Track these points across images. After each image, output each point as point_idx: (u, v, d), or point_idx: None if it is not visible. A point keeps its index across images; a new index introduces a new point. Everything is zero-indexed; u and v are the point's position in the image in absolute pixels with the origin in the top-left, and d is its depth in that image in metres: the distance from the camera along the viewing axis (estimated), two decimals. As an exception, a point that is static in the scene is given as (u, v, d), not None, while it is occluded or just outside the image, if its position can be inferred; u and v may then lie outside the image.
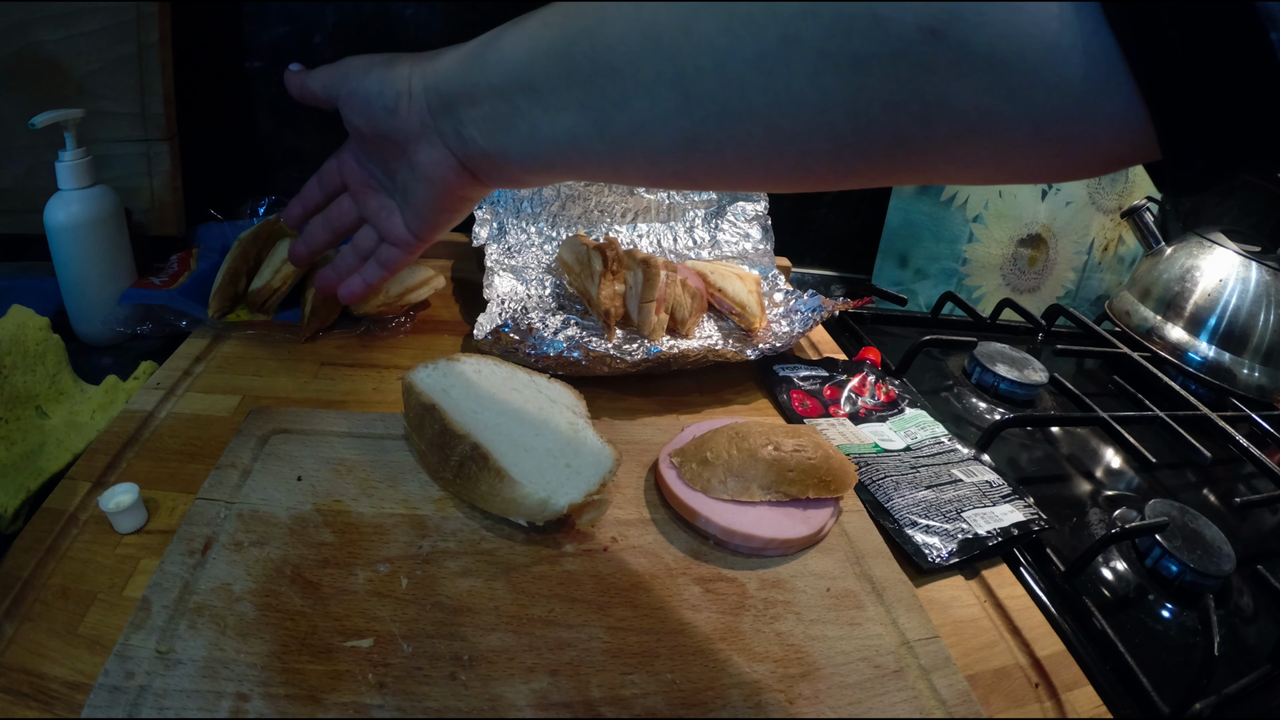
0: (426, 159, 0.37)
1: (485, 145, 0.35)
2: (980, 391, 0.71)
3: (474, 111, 0.34)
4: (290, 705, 0.31)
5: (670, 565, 0.42)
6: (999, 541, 0.47)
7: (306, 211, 0.48)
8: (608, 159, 0.31)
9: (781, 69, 0.24)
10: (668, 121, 0.28)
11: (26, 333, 0.49)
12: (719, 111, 0.26)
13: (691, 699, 0.34)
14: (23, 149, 0.59)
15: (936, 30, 0.21)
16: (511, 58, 0.32)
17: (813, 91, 0.24)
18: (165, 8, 0.60)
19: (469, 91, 0.34)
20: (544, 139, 0.32)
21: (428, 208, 0.40)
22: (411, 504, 0.43)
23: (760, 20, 0.24)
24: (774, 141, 0.26)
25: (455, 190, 0.38)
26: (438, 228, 0.42)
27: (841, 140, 0.25)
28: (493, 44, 0.33)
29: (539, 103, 0.31)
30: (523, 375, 0.50)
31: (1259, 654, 0.47)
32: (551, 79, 0.30)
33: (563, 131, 0.31)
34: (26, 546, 0.38)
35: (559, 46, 0.30)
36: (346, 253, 0.48)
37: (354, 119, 0.39)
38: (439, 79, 0.36)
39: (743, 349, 0.61)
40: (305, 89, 0.43)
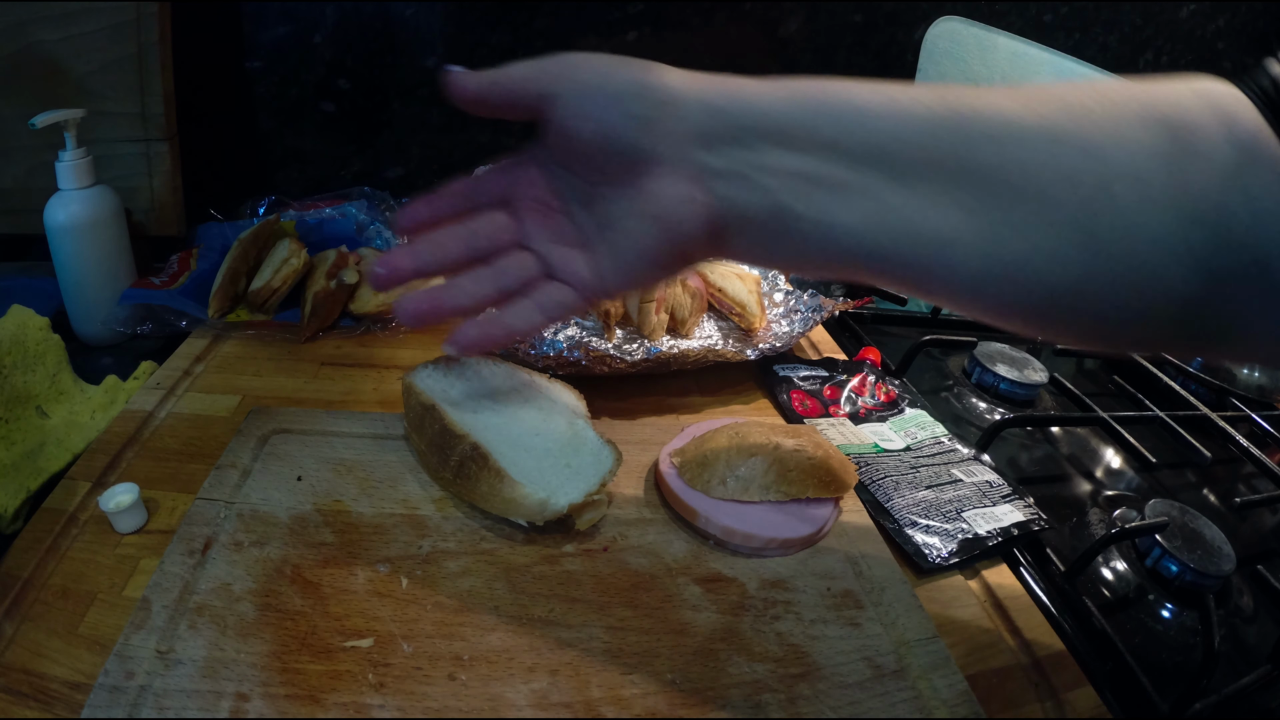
0: (669, 194, 0.30)
1: (788, 207, 0.29)
2: (980, 391, 0.71)
3: (785, 161, 0.28)
4: (290, 705, 0.31)
5: (670, 565, 0.42)
6: (999, 541, 0.47)
7: (435, 219, 0.36)
8: (970, 280, 0.28)
9: (1169, 256, 0.26)
10: (1063, 265, 0.27)
11: (26, 333, 0.49)
12: (1107, 274, 0.27)
13: (691, 699, 0.34)
14: (23, 149, 0.59)
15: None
16: (872, 116, 0.28)
17: (1180, 285, 0.27)
18: (165, 8, 0.60)
19: (784, 130, 0.28)
20: (895, 227, 0.28)
21: (640, 255, 0.31)
22: (411, 504, 0.43)
23: (1164, 207, 0.26)
24: (1133, 316, 0.28)
25: (684, 244, 0.31)
26: (636, 283, 0.33)
27: (1182, 328, 0.28)
28: (830, 91, 0.29)
29: (901, 185, 0.28)
30: (523, 375, 0.50)
31: (1259, 654, 0.47)
32: (928, 168, 0.27)
33: (929, 231, 0.28)
34: (26, 546, 0.38)
35: (946, 138, 0.27)
36: (473, 283, 0.35)
37: (577, 123, 0.31)
38: (733, 96, 0.29)
39: (743, 349, 0.61)
40: (495, 86, 0.32)
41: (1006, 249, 0.28)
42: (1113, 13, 0.90)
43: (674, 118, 0.29)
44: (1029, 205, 0.27)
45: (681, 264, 0.33)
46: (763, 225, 0.30)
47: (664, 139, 0.29)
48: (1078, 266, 0.27)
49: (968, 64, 0.87)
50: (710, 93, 0.30)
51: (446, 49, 0.76)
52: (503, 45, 0.77)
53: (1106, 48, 0.92)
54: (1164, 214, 0.26)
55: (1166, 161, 0.26)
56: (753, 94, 0.29)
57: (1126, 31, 0.92)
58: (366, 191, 0.77)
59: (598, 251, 0.33)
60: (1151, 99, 0.28)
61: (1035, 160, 0.27)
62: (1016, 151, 0.27)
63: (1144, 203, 0.26)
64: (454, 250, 0.35)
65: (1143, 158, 0.27)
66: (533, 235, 0.35)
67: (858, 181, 0.28)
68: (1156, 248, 0.27)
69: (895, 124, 0.28)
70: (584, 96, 0.30)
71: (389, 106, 0.78)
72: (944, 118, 0.28)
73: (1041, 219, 0.27)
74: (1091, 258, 0.27)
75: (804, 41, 0.84)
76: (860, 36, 0.85)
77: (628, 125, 0.30)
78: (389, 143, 0.81)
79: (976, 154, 0.27)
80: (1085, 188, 0.27)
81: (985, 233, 0.28)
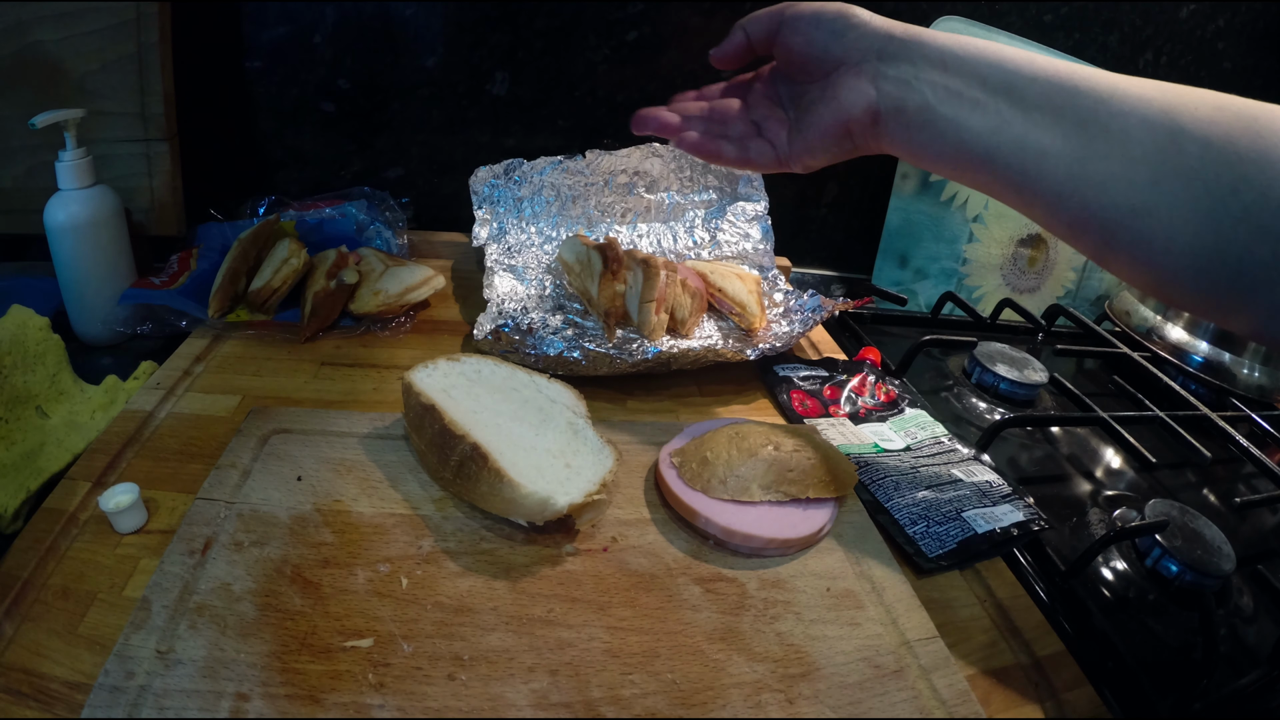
0: (847, 89, 0.41)
1: (934, 108, 0.39)
2: (980, 391, 0.71)
3: (939, 78, 0.39)
4: (290, 705, 0.31)
5: (670, 565, 0.42)
6: (999, 541, 0.47)
7: (699, 97, 0.50)
8: (1057, 187, 0.37)
9: (1218, 203, 0.34)
10: (1132, 191, 0.35)
11: (26, 333, 0.49)
12: (1167, 204, 0.35)
13: (691, 699, 0.34)
14: (23, 149, 0.59)
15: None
16: (1010, 63, 0.38)
17: (1226, 229, 0.34)
18: (165, 8, 0.60)
19: (944, 59, 0.39)
20: (1009, 138, 0.37)
21: (819, 133, 0.43)
22: (411, 504, 0.43)
23: (1222, 165, 0.34)
24: (1188, 256, 0.35)
25: (854, 128, 0.42)
26: (813, 156, 0.44)
27: (1209, 272, 0.35)
28: (983, 44, 0.39)
29: (1021, 111, 0.37)
30: (523, 375, 0.50)
31: (1259, 654, 0.47)
32: (1044, 103, 0.37)
33: (1033, 144, 0.37)
34: (26, 546, 0.38)
35: (1064, 86, 0.37)
36: (706, 123, 0.48)
37: (793, 37, 0.43)
38: (910, 32, 0.40)
39: (743, 349, 0.61)
40: (751, 30, 0.45)
41: (1089, 168, 0.36)
42: (1113, 13, 0.90)
43: (862, 36, 0.41)
44: (1113, 140, 0.35)
45: (846, 146, 0.43)
46: (910, 119, 0.40)
47: (852, 49, 0.41)
48: (1142, 193, 0.35)
49: (968, 64, 0.87)
50: (892, 25, 0.41)
51: (446, 49, 0.76)
52: (503, 45, 0.77)
53: (1106, 48, 0.92)
54: (1223, 172, 0.33)
55: (1228, 133, 0.34)
56: (923, 32, 0.40)
57: (1126, 31, 0.92)
58: (366, 191, 0.77)
59: (794, 130, 0.45)
60: (1228, 98, 0.35)
61: (1124, 109, 0.35)
62: (1110, 102, 0.36)
63: (1205, 161, 0.34)
64: (699, 110, 0.49)
65: (1212, 128, 0.34)
66: (755, 110, 0.48)
67: (989, 102, 0.38)
68: (1210, 196, 0.33)
69: (1027, 70, 0.37)
70: (802, 16, 0.43)
71: (389, 106, 0.78)
72: (1064, 74, 0.37)
73: (1120, 151, 0.35)
74: (1154, 189, 0.35)
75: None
76: (860, 36, 0.85)
77: (829, 39, 0.42)
78: (389, 143, 0.81)
79: (1079, 100, 0.36)
80: (1159, 137, 0.35)
81: (1075, 153, 0.36)
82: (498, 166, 0.73)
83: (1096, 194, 0.36)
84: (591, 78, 0.81)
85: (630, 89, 0.82)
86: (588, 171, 0.75)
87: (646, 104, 0.48)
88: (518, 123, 0.82)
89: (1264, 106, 0.35)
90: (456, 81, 0.78)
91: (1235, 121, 0.34)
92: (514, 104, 0.80)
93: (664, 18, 0.79)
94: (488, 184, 0.73)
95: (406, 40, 0.75)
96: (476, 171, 0.73)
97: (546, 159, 0.74)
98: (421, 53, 0.76)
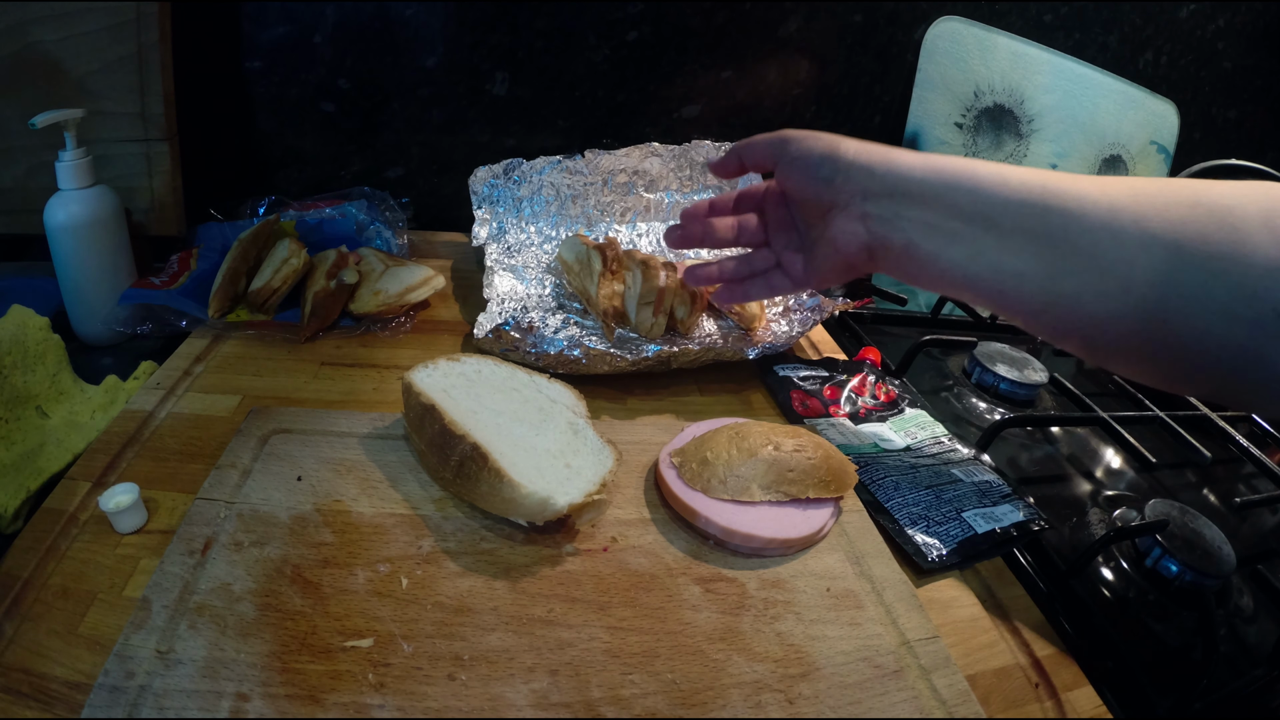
0: (842, 231, 0.44)
1: (917, 244, 0.41)
2: (980, 391, 0.71)
3: (919, 214, 0.41)
4: (290, 705, 0.31)
5: (670, 565, 0.42)
6: (999, 541, 0.47)
7: (713, 211, 0.53)
8: (1033, 303, 0.39)
9: (1195, 304, 0.35)
10: (1104, 301, 0.37)
11: (26, 333, 0.49)
12: (1147, 315, 0.36)
13: (691, 699, 0.34)
14: (23, 149, 0.59)
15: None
16: (984, 189, 0.40)
17: (1209, 329, 0.35)
18: (165, 8, 0.60)
19: (923, 194, 0.41)
20: (986, 265, 0.40)
21: (827, 269, 0.47)
22: (411, 504, 0.43)
23: (1194, 268, 0.35)
24: (1166, 350, 0.37)
25: (853, 261, 0.45)
26: (824, 281, 0.49)
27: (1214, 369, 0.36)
28: (958, 168, 0.41)
29: (996, 237, 0.39)
30: (523, 375, 0.50)
31: (1259, 654, 0.47)
32: (1017, 226, 0.39)
33: (1009, 267, 0.39)
34: (26, 546, 0.38)
35: (1036, 206, 0.38)
36: (737, 264, 0.52)
37: (789, 180, 0.46)
38: (889, 171, 0.42)
39: (743, 348, 0.61)
40: (747, 158, 0.48)
41: (1061, 284, 0.38)
42: (1113, 13, 0.90)
43: (848, 180, 0.43)
44: (1082, 255, 0.37)
45: (850, 272, 0.47)
46: (898, 254, 0.43)
47: (841, 193, 0.44)
48: (1114, 301, 0.37)
49: (968, 64, 0.87)
50: (872, 158, 0.43)
51: (446, 49, 0.76)
52: (503, 45, 0.77)
53: (1106, 48, 0.92)
54: (1193, 273, 0.35)
55: (1202, 233, 0.35)
56: (902, 164, 0.42)
57: (1126, 31, 0.92)
58: (366, 191, 0.77)
59: (807, 258, 0.49)
60: (1206, 190, 0.36)
61: (1094, 224, 0.37)
62: (1081, 218, 0.37)
63: (1176, 264, 0.35)
64: (726, 234, 0.52)
65: (1185, 229, 0.35)
66: (775, 240, 0.51)
67: (966, 231, 0.40)
68: (1184, 300, 0.35)
69: (1000, 194, 0.39)
70: (794, 164, 0.45)
71: (389, 106, 0.79)
72: (1035, 193, 0.39)
73: (1091, 265, 0.37)
74: (1127, 299, 0.36)
75: (804, 41, 0.84)
76: (860, 36, 0.85)
77: (821, 186, 0.44)
78: (389, 143, 0.81)
79: (1050, 219, 0.38)
80: (1129, 248, 0.36)
81: (1048, 271, 0.38)
82: (497, 166, 0.73)
83: (1071, 306, 0.38)
84: (591, 78, 0.81)
85: (630, 89, 0.82)
86: (587, 171, 0.75)
87: (646, 104, 0.49)
88: (518, 123, 0.82)
89: (1239, 195, 0.36)
90: (456, 81, 0.78)
91: (1209, 219, 0.35)
92: (514, 104, 0.80)
93: (664, 18, 0.79)
94: (487, 184, 0.73)
95: (406, 40, 0.75)
96: (476, 171, 0.73)
97: (546, 159, 0.74)
98: (421, 53, 0.76)
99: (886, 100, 0.90)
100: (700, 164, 0.77)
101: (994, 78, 0.89)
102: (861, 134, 0.45)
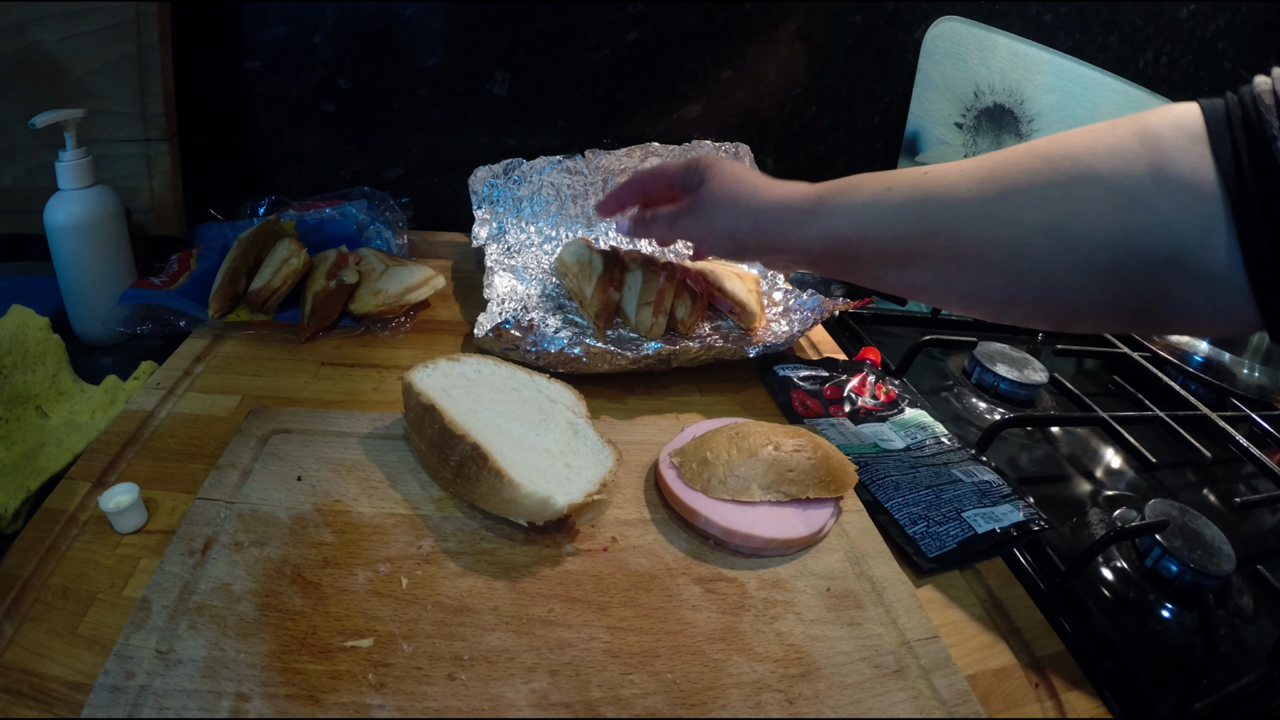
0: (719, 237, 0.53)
1: (814, 266, 0.50)
2: (980, 391, 0.71)
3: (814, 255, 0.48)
4: (290, 705, 0.31)
5: (670, 565, 0.42)
6: (999, 541, 0.47)
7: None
8: (934, 299, 0.46)
9: (1083, 271, 0.38)
10: (995, 291, 0.41)
11: (26, 333, 0.49)
12: (1030, 291, 0.40)
13: (691, 699, 0.34)
14: (23, 149, 0.59)
15: (1174, 260, 0.35)
16: (872, 235, 0.44)
17: (1091, 285, 0.38)
18: (165, 8, 0.60)
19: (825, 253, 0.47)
20: (890, 283, 0.45)
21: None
22: (411, 504, 0.43)
23: (1074, 246, 0.37)
24: (1061, 307, 0.40)
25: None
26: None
27: (1098, 310, 0.40)
28: (843, 211, 0.45)
29: (891, 267, 0.44)
30: (523, 375, 0.50)
31: (1259, 654, 0.47)
32: (907, 256, 0.43)
33: (907, 283, 0.45)
34: (26, 546, 0.38)
35: (918, 236, 0.42)
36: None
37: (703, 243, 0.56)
38: (764, 219, 0.49)
39: (743, 347, 0.61)
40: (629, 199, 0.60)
41: (958, 287, 0.43)
42: (1113, 13, 0.90)
43: (721, 215, 0.51)
44: (969, 262, 0.41)
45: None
46: (793, 263, 0.51)
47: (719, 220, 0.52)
48: (1006, 292, 0.41)
49: (968, 64, 0.87)
50: (752, 202, 0.50)
51: (446, 49, 0.76)
52: (503, 45, 0.77)
53: (1106, 48, 0.92)
54: (1074, 250, 0.37)
55: (1077, 208, 0.37)
56: (778, 208, 0.49)
57: (1126, 31, 0.92)
58: (366, 191, 0.76)
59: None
60: (1070, 148, 0.38)
61: (974, 234, 0.41)
62: (962, 232, 0.41)
63: (1057, 247, 0.38)
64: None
65: (1058, 212, 0.38)
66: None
67: (860, 264, 0.46)
68: (1073, 272, 0.38)
69: (889, 236, 0.44)
70: (707, 239, 0.55)
71: (389, 106, 0.78)
72: (919, 224, 0.42)
73: (978, 269, 0.41)
74: (1019, 285, 0.40)
75: (804, 42, 0.84)
76: (860, 36, 0.85)
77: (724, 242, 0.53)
78: (389, 143, 0.81)
79: (934, 243, 0.42)
80: (1010, 244, 0.39)
81: (941, 280, 0.43)
82: (497, 166, 0.73)
83: (974, 302, 0.43)
84: (591, 78, 0.81)
85: (630, 89, 0.82)
86: (587, 171, 0.75)
87: (646, 104, 0.49)
88: (518, 123, 0.82)
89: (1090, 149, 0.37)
90: (456, 81, 0.78)
91: (1079, 188, 0.37)
92: (514, 104, 0.80)
93: (664, 18, 0.79)
94: (487, 184, 0.73)
95: (406, 40, 0.75)
96: (476, 171, 0.73)
97: (546, 159, 0.74)
98: (421, 53, 0.76)
99: (886, 100, 0.90)
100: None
101: (994, 78, 0.89)
102: (861, 134, 0.45)
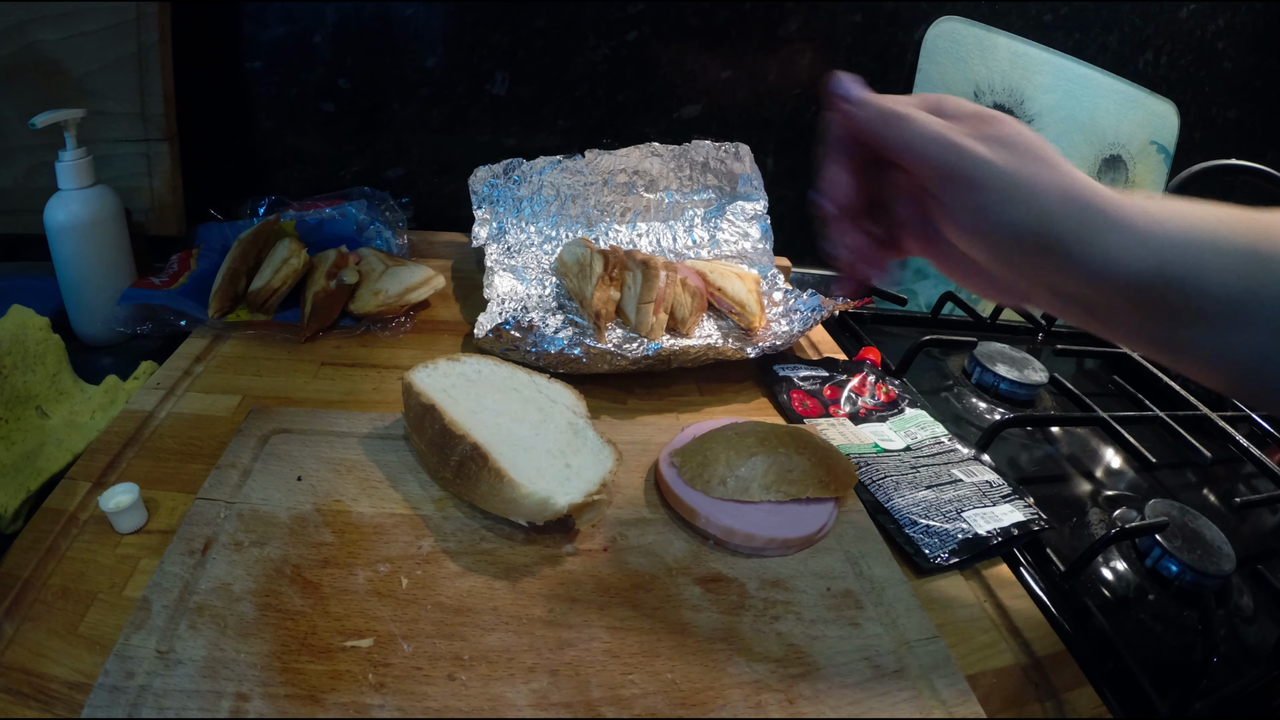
0: None
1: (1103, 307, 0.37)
2: (980, 391, 0.71)
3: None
4: (290, 705, 0.31)
5: (670, 565, 0.42)
6: (999, 541, 0.47)
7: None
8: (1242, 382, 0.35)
9: None
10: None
11: (26, 333, 0.49)
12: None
13: (691, 699, 0.34)
14: (23, 149, 0.59)
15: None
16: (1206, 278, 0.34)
17: None
18: (165, 8, 0.60)
19: (1145, 287, 0.34)
20: (1206, 352, 0.35)
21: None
22: (411, 504, 0.43)
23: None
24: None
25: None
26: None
27: None
28: (1179, 234, 0.34)
29: (1214, 329, 0.34)
30: (523, 375, 0.50)
31: (1259, 654, 0.47)
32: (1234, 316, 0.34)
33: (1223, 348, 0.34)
34: (26, 546, 0.38)
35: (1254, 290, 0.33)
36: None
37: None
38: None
39: (743, 347, 0.61)
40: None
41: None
42: (1113, 13, 0.90)
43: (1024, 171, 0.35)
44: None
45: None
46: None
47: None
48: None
49: (968, 64, 0.87)
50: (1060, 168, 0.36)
51: (446, 49, 0.76)
52: (503, 45, 0.77)
53: (1106, 48, 0.92)
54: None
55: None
56: (1088, 192, 0.35)
57: (1126, 31, 0.92)
58: (366, 191, 0.76)
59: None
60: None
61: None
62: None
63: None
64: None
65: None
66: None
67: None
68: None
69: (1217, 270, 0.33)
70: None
71: (389, 106, 0.78)
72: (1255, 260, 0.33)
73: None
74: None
75: (804, 41, 0.84)
76: (860, 36, 0.85)
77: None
78: (389, 143, 0.81)
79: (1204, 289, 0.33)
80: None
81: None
82: (497, 166, 0.73)
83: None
84: (591, 78, 0.81)
85: (630, 89, 0.82)
86: (587, 171, 0.75)
87: (646, 104, 0.48)
88: (518, 123, 0.82)
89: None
90: (456, 81, 0.78)
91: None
92: (514, 104, 0.80)
93: (664, 18, 0.79)
94: (487, 184, 0.73)
95: (406, 40, 0.75)
96: (476, 171, 0.73)
97: (546, 159, 0.74)
98: (421, 53, 0.76)
99: (886, 100, 0.90)
100: (700, 164, 0.77)
101: (994, 78, 0.89)
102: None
